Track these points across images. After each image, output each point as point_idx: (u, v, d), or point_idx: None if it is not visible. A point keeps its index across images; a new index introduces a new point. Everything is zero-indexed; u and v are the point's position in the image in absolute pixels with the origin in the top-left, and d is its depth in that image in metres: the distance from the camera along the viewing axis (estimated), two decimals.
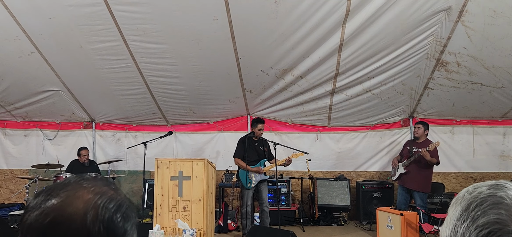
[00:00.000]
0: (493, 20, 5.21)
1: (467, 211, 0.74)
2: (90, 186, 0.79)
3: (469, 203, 0.75)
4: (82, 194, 0.77)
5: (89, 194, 0.77)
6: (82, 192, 0.77)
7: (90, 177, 0.82)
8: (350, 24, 5.28)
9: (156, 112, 7.63)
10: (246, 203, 6.13)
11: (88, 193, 0.77)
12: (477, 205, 0.73)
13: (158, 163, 5.32)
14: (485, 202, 0.73)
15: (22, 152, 8.15)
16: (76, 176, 0.82)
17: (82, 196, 0.76)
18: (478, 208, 0.73)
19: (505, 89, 6.59)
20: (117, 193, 0.81)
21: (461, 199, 0.79)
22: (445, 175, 7.73)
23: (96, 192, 0.78)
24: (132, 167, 8.09)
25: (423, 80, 6.59)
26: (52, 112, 7.72)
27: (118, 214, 0.78)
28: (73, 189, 0.77)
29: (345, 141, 7.97)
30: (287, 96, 7.05)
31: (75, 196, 0.76)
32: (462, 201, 0.77)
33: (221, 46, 5.71)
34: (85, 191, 0.77)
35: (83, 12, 5.14)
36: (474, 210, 0.73)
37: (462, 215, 0.75)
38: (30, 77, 6.56)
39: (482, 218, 0.71)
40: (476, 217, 0.72)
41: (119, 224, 0.77)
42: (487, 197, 0.74)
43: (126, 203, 0.81)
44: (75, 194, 0.76)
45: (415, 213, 5.67)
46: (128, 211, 0.81)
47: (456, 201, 0.79)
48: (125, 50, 5.82)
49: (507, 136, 7.76)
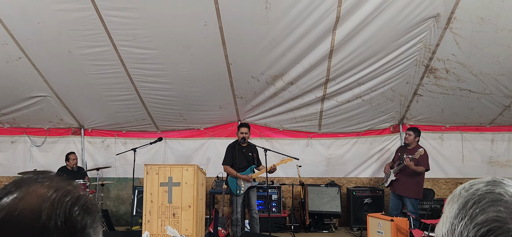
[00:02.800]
0: (480, 27, 5.28)
1: (464, 209, 0.72)
2: (45, 181, 0.75)
3: (466, 200, 0.73)
4: (36, 189, 0.73)
5: (43, 189, 0.73)
6: (35, 187, 0.73)
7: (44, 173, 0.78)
8: (340, 30, 5.31)
9: (146, 118, 7.58)
10: (236, 210, 6.08)
11: (42, 187, 0.73)
12: (475, 202, 0.71)
13: (148, 169, 5.27)
14: (483, 199, 0.71)
15: (9, 159, 8.01)
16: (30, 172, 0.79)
17: (36, 191, 0.72)
18: (476, 205, 0.70)
19: (493, 96, 6.67)
20: (74, 188, 0.77)
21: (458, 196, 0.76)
22: (435, 181, 7.77)
23: (51, 186, 0.74)
24: (121, 174, 8.00)
25: (412, 87, 6.65)
26: (40, 118, 7.62)
27: (75, 207, 0.73)
28: (27, 185, 0.74)
29: (336, 147, 7.99)
30: (278, 102, 7.05)
31: (28, 191, 0.72)
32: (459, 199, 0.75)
33: (211, 52, 5.69)
34: (39, 186, 0.73)
35: (72, 17, 5.09)
36: (472, 207, 0.71)
37: (459, 213, 0.72)
38: (18, 83, 6.47)
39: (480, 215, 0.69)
40: (475, 215, 0.69)
41: (78, 218, 0.72)
42: (485, 194, 0.72)
43: (84, 197, 0.76)
44: (28, 189, 0.72)
45: (406, 219, 5.67)
46: (88, 203, 0.76)
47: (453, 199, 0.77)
48: (114, 56, 5.77)
49: (495, 142, 7.85)
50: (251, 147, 6.34)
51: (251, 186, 6.16)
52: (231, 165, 6.15)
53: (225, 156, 6.29)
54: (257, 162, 6.34)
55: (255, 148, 6.40)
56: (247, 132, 6.26)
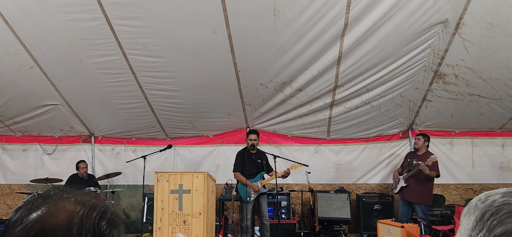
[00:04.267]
0: (489, 32, 5.26)
1: (482, 221, 0.71)
2: (70, 197, 0.78)
3: (483, 212, 0.72)
4: (64, 205, 0.76)
5: (71, 205, 0.76)
6: (63, 203, 0.76)
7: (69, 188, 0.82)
8: (348, 36, 5.33)
9: (155, 126, 7.63)
10: (246, 217, 6.09)
11: (70, 203, 0.76)
12: (493, 214, 0.71)
13: (158, 176, 5.31)
14: (501, 211, 0.70)
15: (21, 167, 8.11)
16: (55, 188, 0.82)
17: (64, 207, 0.75)
18: (493, 217, 0.70)
19: (503, 101, 6.62)
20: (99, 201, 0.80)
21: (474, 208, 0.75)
22: (445, 187, 7.71)
23: (78, 202, 0.77)
24: (131, 181, 8.06)
25: (421, 92, 6.62)
26: (51, 127, 7.71)
27: (103, 221, 0.77)
28: (54, 201, 0.77)
29: (345, 154, 7.97)
30: (286, 109, 7.07)
31: (57, 207, 0.75)
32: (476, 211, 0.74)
33: (220, 60, 5.73)
34: (66, 202, 0.76)
35: (83, 27, 5.17)
36: (489, 219, 0.70)
37: (477, 225, 0.72)
38: (30, 92, 6.56)
39: (499, 227, 0.68)
40: (493, 227, 0.69)
41: (106, 231, 0.77)
42: (502, 205, 0.71)
43: (110, 209, 0.80)
44: (57, 205, 0.75)
45: (416, 225, 5.64)
46: (113, 217, 0.80)
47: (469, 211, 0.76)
48: (124, 64, 5.84)
49: (506, 147, 7.77)
50: (260, 154, 6.36)
51: (261, 192, 6.17)
52: (241, 172, 6.17)
53: (235, 163, 6.32)
54: (266, 168, 6.34)
55: (265, 155, 6.42)
56: (256, 138, 6.29)
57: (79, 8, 4.88)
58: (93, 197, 0.81)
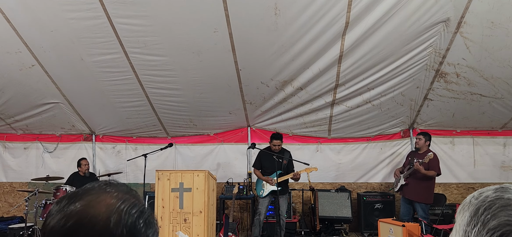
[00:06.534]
0: (491, 31, 5.25)
1: (476, 216, 0.74)
2: (113, 191, 0.80)
3: (477, 207, 0.75)
4: (105, 198, 0.78)
5: (112, 199, 0.78)
6: (104, 197, 0.78)
7: (113, 182, 0.84)
8: (349, 35, 5.32)
9: (156, 124, 7.63)
10: (259, 212, 6.29)
11: (111, 198, 0.78)
12: (486, 208, 0.73)
13: (159, 174, 5.31)
14: (493, 205, 0.73)
15: (22, 165, 8.13)
16: (99, 182, 0.84)
17: (105, 200, 0.77)
18: (487, 211, 0.73)
19: (504, 100, 6.61)
20: (138, 200, 0.82)
21: (468, 204, 0.78)
22: (446, 186, 7.71)
23: (119, 198, 0.79)
24: (132, 179, 8.06)
25: (422, 91, 6.61)
26: (52, 125, 7.72)
27: (140, 220, 0.79)
28: (96, 194, 0.79)
29: (346, 153, 7.96)
30: (287, 107, 7.06)
31: (97, 200, 0.77)
32: (470, 207, 0.77)
33: (221, 58, 5.73)
34: (108, 196, 0.78)
35: (84, 25, 5.17)
36: (483, 214, 0.73)
37: (471, 220, 0.74)
38: (31, 90, 6.57)
39: (492, 221, 0.71)
40: (487, 221, 0.72)
41: (142, 230, 0.78)
42: (495, 200, 0.74)
43: (148, 210, 0.82)
44: (98, 198, 0.77)
45: (417, 224, 5.63)
46: (150, 218, 0.82)
47: (463, 207, 0.79)
48: (126, 63, 5.84)
49: (507, 147, 7.76)
50: (283, 153, 6.43)
51: (279, 192, 6.16)
52: (260, 168, 6.44)
53: (255, 160, 6.59)
54: (287, 168, 6.40)
55: (288, 154, 6.51)
56: (280, 144, 6.37)
57: (81, 6, 4.88)
58: (133, 195, 0.83)
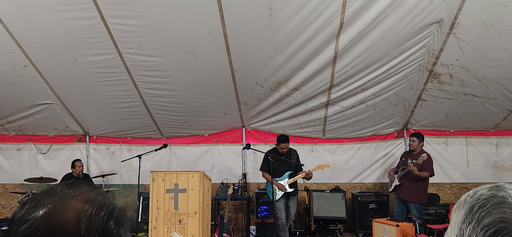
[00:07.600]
0: (484, 32, 5.29)
1: (471, 213, 0.75)
2: (77, 194, 0.76)
3: (472, 205, 0.77)
4: (72, 203, 0.74)
5: (79, 203, 0.75)
6: (71, 201, 0.75)
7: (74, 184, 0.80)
8: (344, 36, 5.34)
9: (150, 125, 7.61)
10: (279, 215, 6.05)
11: (77, 201, 0.75)
12: (481, 206, 0.75)
13: (154, 175, 5.29)
14: (488, 203, 0.74)
15: (15, 166, 8.06)
16: (61, 184, 0.79)
17: (72, 205, 0.74)
18: (482, 209, 0.74)
19: (497, 100, 6.67)
20: (105, 198, 0.79)
21: (464, 202, 0.80)
22: (440, 186, 7.75)
23: (85, 200, 0.76)
24: (126, 180, 8.03)
25: (416, 92, 6.65)
26: (46, 126, 7.67)
27: (111, 220, 0.76)
28: (61, 198, 0.75)
29: (340, 153, 7.99)
30: (282, 108, 7.07)
31: (64, 205, 0.73)
32: (465, 205, 0.79)
33: (216, 59, 5.73)
34: (73, 200, 0.75)
35: (78, 25, 5.14)
36: (478, 211, 0.74)
37: (466, 217, 0.76)
38: (24, 91, 6.52)
39: (487, 218, 0.72)
40: (481, 218, 0.73)
41: (113, 230, 0.76)
42: (490, 197, 0.75)
43: (117, 208, 0.79)
44: (64, 203, 0.74)
45: (411, 224, 5.67)
46: (120, 215, 0.79)
47: (459, 206, 0.81)
48: (120, 63, 5.82)
49: (500, 147, 7.83)
50: (290, 153, 6.33)
51: (291, 193, 6.14)
52: (268, 171, 6.11)
53: (262, 163, 6.36)
54: (295, 168, 6.29)
55: (295, 154, 6.40)
56: (287, 146, 6.25)
57: (74, 6, 4.85)
58: (99, 193, 0.80)
